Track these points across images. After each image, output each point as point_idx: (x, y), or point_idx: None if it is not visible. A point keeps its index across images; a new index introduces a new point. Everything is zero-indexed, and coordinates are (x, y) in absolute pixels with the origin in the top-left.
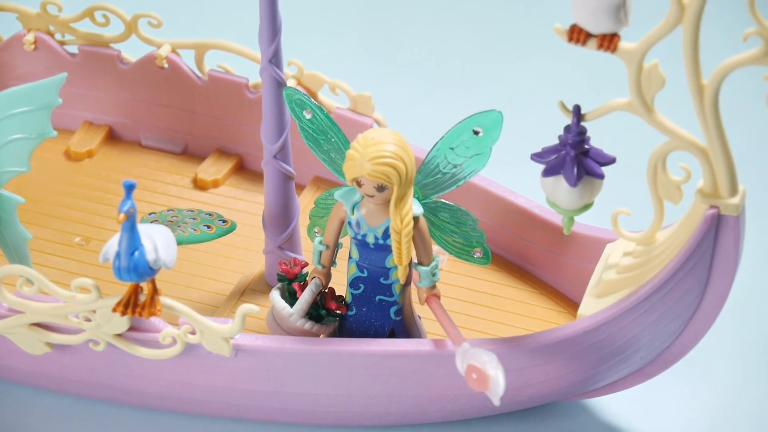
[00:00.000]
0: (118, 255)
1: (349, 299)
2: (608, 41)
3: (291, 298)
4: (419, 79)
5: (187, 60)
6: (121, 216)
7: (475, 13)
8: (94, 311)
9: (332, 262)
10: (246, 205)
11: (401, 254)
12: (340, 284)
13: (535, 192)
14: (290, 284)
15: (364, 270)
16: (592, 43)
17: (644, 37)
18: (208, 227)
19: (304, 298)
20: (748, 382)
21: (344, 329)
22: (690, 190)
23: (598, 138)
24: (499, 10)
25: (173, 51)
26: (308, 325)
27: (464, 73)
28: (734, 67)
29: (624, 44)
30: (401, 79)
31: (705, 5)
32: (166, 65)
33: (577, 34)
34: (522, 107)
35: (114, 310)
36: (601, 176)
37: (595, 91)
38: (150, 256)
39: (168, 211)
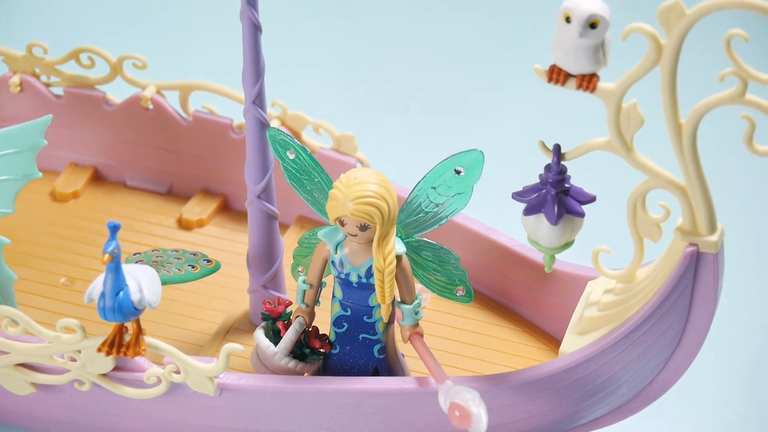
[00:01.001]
0: (103, 295)
1: (332, 338)
2: (587, 81)
3: (275, 336)
4: (402, 119)
5: (171, 101)
6: (106, 256)
7: (457, 54)
8: (80, 351)
9: (316, 301)
10: (230, 245)
11: (384, 293)
12: (323, 323)
13: (516, 230)
14: (274, 323)
15: (348, 309)
16: (572, 83)
17: (623, 77)
18: (193, 267)
19: (288, 336)
20: (730, 418)
21: (328, 368)
22: (669, 227)
23: (578, 176)
24: (479, 51)
25: (158, 92)
26: (292, 363)
27: (446, 112)
28: (711, 107)
29: (603, 84)
30: (384, 118)
31: (682, 46)
32: (151, 106)
33: (557, 75)
34: (503, 146)
35: (99, 350)
36: (581, 214)
37: (575, 130)
38: (135, 296)
39: (153, 251)
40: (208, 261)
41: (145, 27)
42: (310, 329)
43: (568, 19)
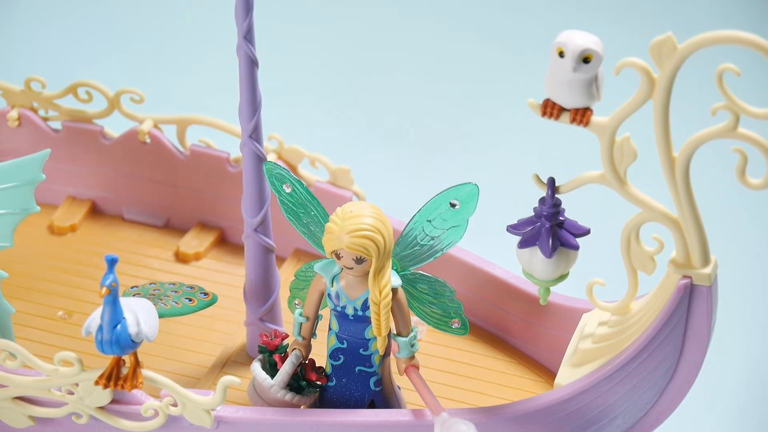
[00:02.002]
0: (100, 328)
1: (329, 370)
2: (581, 115)
3: (272, 369)
4: (397, 152)
5: (168, 135)
6: (104, 290)
7: (452, 87)
8: (77, 384)
9: (312, 334)
10: (227, 278)
11: (380, 325)
12: (320, 355)
13: (511, 263)
14: (271, 356)
15: (344, 341)
16: (566, 117)
17: (616, 111)
18: (190, 300)
19: (285, 369)
20: None
21: (324, 400)
22: (663, 260)
23: (572, 209)
24: (474, 84)
25: (155, 126)
26: (289, 396)
27: (441, 146)
28: (703, 141)
29: (596, 118)
30: (380, 151)
31: (674, 80)
32: (148, 140)
33: (551, 109)
34: (498, 179)
35: (96, 383)
36: (576, 247)
37: (569, 164)
38: (132, 329)
39: (150, 284)
40: (205, 294)
41: (143, 61)
42: (307, 362)
43: (561, 54)
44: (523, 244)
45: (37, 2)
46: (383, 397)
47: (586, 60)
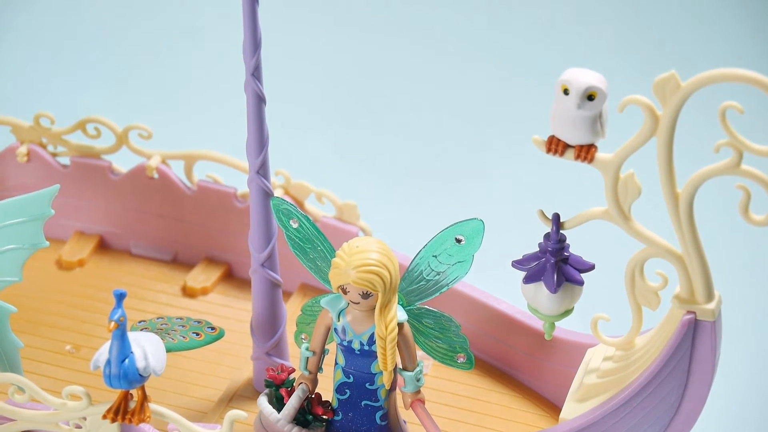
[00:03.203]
0: (108, 362)
1: (335, 404)
2: (585, 152)
3: (278, 403)
4: (403, 188)
5: (176, 170)
6: (112, 324)
7: (457, 124)
8: (85, 418)
9: (319, 368)
10: (234, 312)
11: (386, 360)
12: (326, 390)
13: (516, 298)
14: (278, 390)
15: (350, 375)
16: (570, 153)
17: (620, 148)
18: (197, 334)
19: (291, 403)
20: None
21: None
22: (667, 295)
23: (577, 245)
24: (479, 121)
25: (163, 162)
26: (295, 430)
27: (447, 181)
28: (707, 177)
29: (601, 155)
30: (386, 187)
31: (678, 118)
32: (156, 176)
33: (555, 145)
34: (503, 215)
35: (104, 417)
36: (580, 283)
37: (574, 199)
38: (140, 364)
39: (158, 318)
40: (213, 328)
41: (151, 98)
42: (313, 396)
43: (566, 91)
44: (528, 280)
45: (47, 40)
46: None
47: (590, 97)
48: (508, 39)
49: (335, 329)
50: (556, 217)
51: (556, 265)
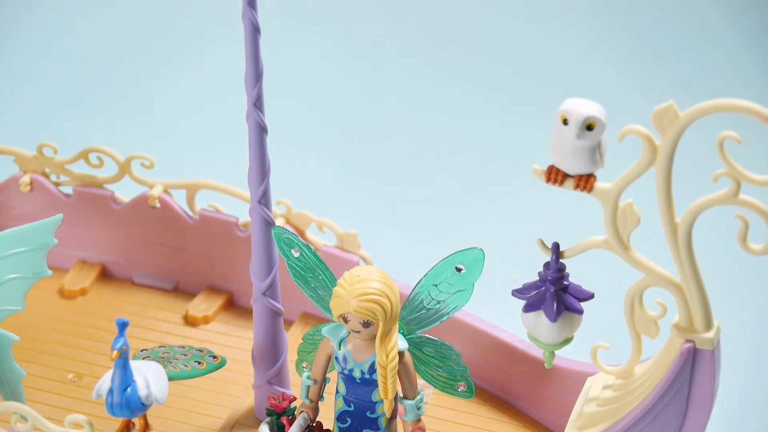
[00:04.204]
0: (110, 391)
1: None
2: (584, 182)
3: None
4: (404, 217)
5: (178, 200)
6: (114, 353)
7: (458, 153)
8: None
9: (320, 397)
10: (236, 341)
11: (387, 388)
12: (327, 418)
13: (516, 327)
14: (279, 418)
15: (351, 404)
16: (569, 183)
17: (619, 177)
18: (199, 363)
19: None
20: None
21: None
22: (666, 324)
23: (576, 274)
24: (479, 150)
25: (165, 191)
26: None
27: (447, 211)
28: (705, 207)
29: (600, 184)
30: (387, 216)
31: (676, 147)
32: (158, 205)
33: (555, 175)
34: (503, 244)
35: None
36: (580, 311)
37: (573, 228)
38: (142, 392)
39: (159, 347)
40: (214, 357)
41: (154, 128)
42: (314, 424)
43: (565, 121)
44: (528, 309)
45: (50, 70)
46: None
47: (589, 127)
48: (510, 67)
49: (336, 358)
50: (556, 246)
51: (555, 294)
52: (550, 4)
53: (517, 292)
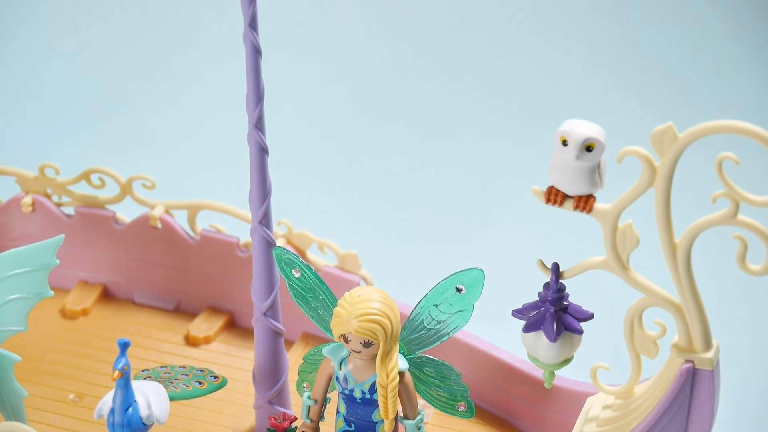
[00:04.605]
0: (112, 411)
1: None
2: (584, 202)
3: None
4: (404, 238)
5: (179, 220)
6: (116, 373)
7: (458, 173)
8: None
9: (321, 417)
10: (237, 361)
11: (388, 409)
12: None
13: (516, 347)
14: None
15: (352, 424)
16: (569, 204)
17: (618, 198)
18: (200, 383)
19: None
20: None
21: None
22: (666, 344)
23: (576, 294)
24: (479, 171)
25: (166, 212)
26: None
27: (447, 231)
28: (704, 228)
29: (599, 205)
30: (387, 236)
31: (675, 168)
32: (159, 225)
33: (554, 196)
34: (503, 264)
35: None
36: (579, 332)
37: (573, 249)
38: (143, 412)
39: (161, 367)
40: (215, 377)
41: (155, 148)
42: None
43: (564, 143)
44: (528, 329)
45: (51, 91)
46: None
47: (588, 148)
48: (511, 89)
49: (337, 378)
50: (556, 266)
51: (555, 314)
52: (548, 26)
53: (517, 313)
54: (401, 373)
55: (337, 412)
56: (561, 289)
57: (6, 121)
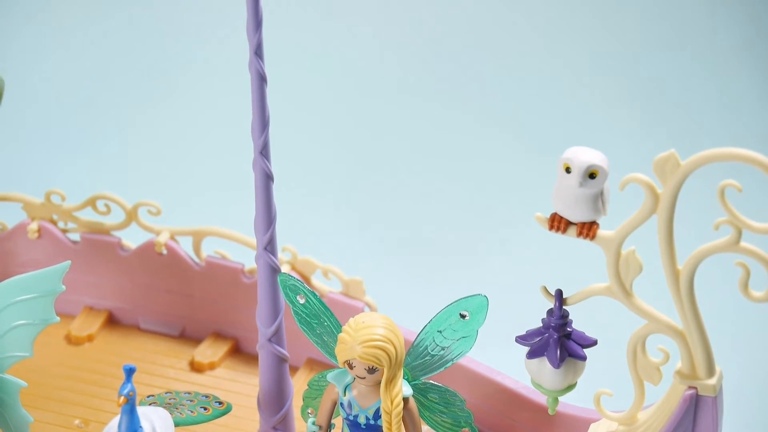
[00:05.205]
0: None
1: None
2: (587, 229)
3: None
4: (408, 264)
5: (185, 246)
6: (122, 399)
7: (460, 200)
8: None
9: None
10: (241, 387)
11: None
12: None
13: (520, 373)
14: None
15: None
16: (572, 230)
17: (621, 225)
18: (205, 409)
19: None
20: None
21: None
22: (669, 370)
23: (579, 320)
24: (482, 197)
25: (172, 238)
26: None
27: (451, 257)
28: (707, 254)
29: (602, 232)
30: (391, 262)
31: (678, 195)
32: (164, 252)
33: (558, 222)
34: (507, 290)
35: None
36: (583, 358)
37: (576, 275)
38: None
39: (166, 393)
40: (220, 403)
41: (160, 174)
42: None
43: (568, 170)
44: (531, 355)
45: (57, 118)
46: None
47: (592, 175)
48: (515, 115)
49: (341, 404)
50: (559, 293)
51: (559, 340)
52: (551, 53)
53: (521, 339)
54: (405, 399)
55: None
56: (564, 316)
57: (13, 148)
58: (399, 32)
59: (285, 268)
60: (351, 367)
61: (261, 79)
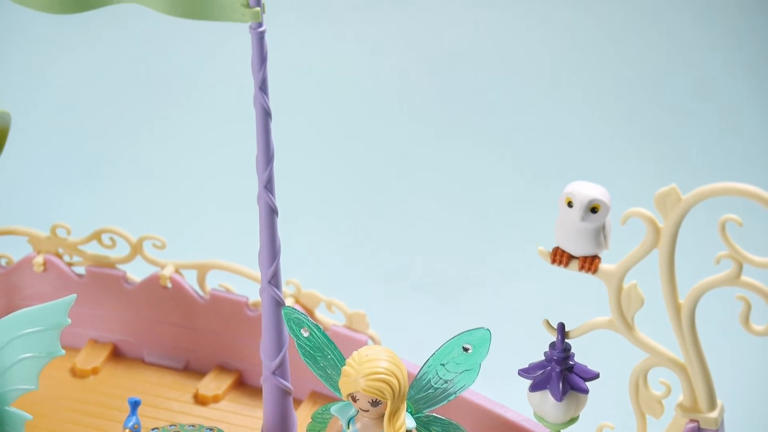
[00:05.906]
0: None
1: None
2: (589, 263)
3: None
4: (411, 297)
5: (189, 280)
6: None
7: (463, 234)
8: None
9: None
10: (245, 420)
11: None
12: None
13: (523, 406)
14: None
15: None
16: (574, 264)
17: (623, 259)
18: None
19: None
20: None
21: None
22: (671, 404)
23: (581, 354)
24: (485, 231)
25: (176, 271)
26: None
27: (454, 291)
28: (708, 288)
29: (604, 266)
30: (394, 296)
31: (679, 229)
32: (169, 285)
33: (560, 256)
34: (509, 324)
35: None
36: (585, 391)
37: (578, 309)
38: None
39: (170, 426)
40: None
41: (165, 208)
42: None
43: (570, 204)
44: (534, 388)
45: (62, 153)
46: None
47: (593, 210)
48: (517, 148)
49: None
50: (562, 326)
51: (561, 373)
52: (551, 85)
53: (523, 372)
54: None
55: None
56: (567, 349)
57: (19, 182)
58: (405, 63)
59: (289, 302)
60: (354, 400)
61: (266, 114)
